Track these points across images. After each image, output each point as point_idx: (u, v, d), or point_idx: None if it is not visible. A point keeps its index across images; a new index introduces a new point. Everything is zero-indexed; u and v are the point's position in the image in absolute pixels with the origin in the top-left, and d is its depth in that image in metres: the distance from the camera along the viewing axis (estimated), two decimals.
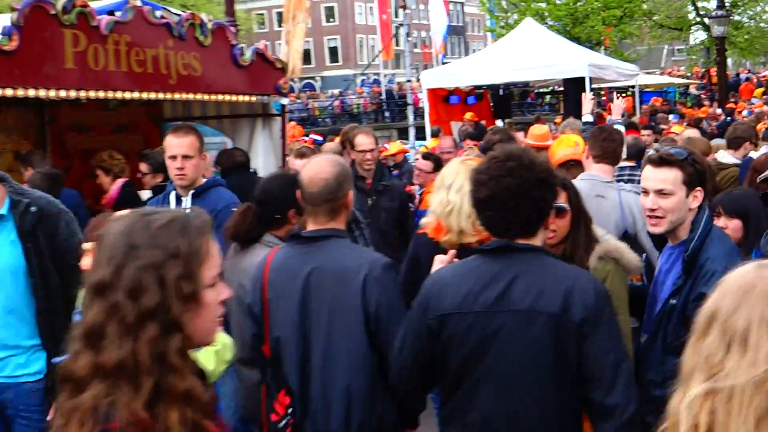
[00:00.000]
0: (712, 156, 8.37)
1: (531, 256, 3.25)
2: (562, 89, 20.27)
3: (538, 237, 3.29)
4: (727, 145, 8.59)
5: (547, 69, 17.57)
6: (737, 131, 8.72)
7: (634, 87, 24.45)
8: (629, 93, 26.13)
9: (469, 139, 13.19)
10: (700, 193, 3.83)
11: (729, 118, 20.67)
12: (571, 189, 4.08)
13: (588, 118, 9.44)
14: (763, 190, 5.70)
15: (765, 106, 24.31)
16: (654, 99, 32.42)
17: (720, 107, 25.29)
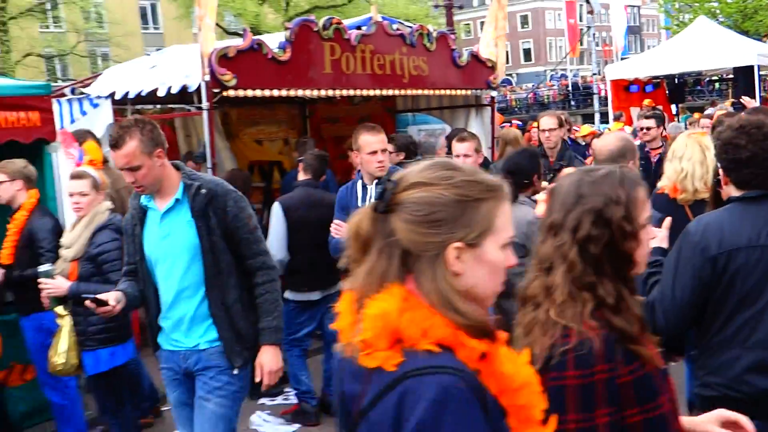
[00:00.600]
0: None
1: None
2: (731, 77, 19.41)
3: None
4: None
5: (719, 59, 17.12)
6: None
7: None
8: None
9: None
10: None
11: None
12: None
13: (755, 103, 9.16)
14: None
15: None
16: None
17: None
